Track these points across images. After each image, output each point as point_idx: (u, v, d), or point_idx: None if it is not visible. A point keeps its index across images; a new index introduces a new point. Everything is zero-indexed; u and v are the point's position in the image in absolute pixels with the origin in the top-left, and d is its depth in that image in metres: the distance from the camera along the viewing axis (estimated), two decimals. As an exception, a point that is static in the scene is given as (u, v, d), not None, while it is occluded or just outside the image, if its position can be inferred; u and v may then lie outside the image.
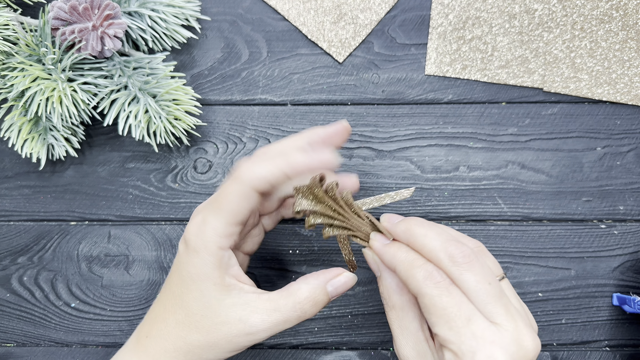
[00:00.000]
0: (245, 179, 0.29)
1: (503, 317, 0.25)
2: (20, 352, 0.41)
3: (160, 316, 0.30)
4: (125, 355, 0.31)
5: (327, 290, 0.30)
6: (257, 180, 0.28)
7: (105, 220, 0.41)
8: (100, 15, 0.36)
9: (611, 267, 0.39)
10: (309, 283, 0.30)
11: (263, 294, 0.29)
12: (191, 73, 0.42)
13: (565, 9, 0.40)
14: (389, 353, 0.40)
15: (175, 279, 0.30)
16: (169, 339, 0.29)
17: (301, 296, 0.29)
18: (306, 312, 0.29)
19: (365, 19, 0.41)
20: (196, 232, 0.29)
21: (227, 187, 0.29)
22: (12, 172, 0.42)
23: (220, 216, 0.29)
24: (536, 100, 0.40)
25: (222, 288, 0.29)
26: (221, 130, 0.41)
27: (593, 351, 0.39)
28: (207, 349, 0.29)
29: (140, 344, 0.31)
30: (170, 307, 0.30)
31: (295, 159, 0.29)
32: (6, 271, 0.41)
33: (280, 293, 0.29)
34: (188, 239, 0.29)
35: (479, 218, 0.40)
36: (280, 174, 0.29)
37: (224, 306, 0.29)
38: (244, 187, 0.29)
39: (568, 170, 0.40)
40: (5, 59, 0.36)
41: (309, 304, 0.29)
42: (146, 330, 0.31)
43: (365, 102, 0.41)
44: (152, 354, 0.30)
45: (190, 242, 0.29)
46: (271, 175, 0.29)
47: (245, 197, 0.29)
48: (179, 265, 0.30)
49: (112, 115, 0.38)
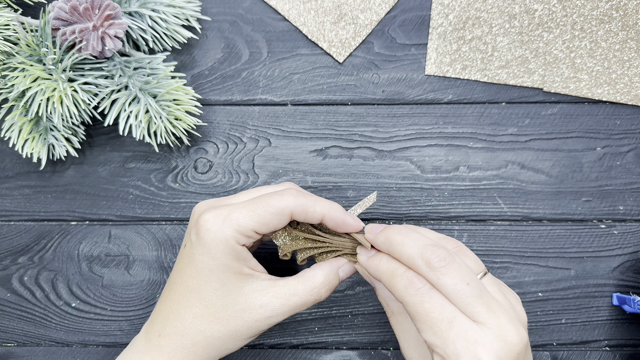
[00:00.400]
0: (289, 199, 0.30)
1: (485, 315, 0.25)
2: (20, 352, 0.41)
3: (173, 313, 0.30)
4: (135, 355, 0.31)
5: (340, 275, 0.32)
6: (300, 208, 0.30)
7: (105, 220, 0.41)
8: (101, 15, 0.36)
9: (611, 267, 0.39)
10: (323, 269, 0.31)
11: (280, 280, 0.31)
12: (191, 73, 0.42)
13: (565, 9, 0.40)
14: (389, 353, 0.40)
15: (189, 272, 0.30)
16: (187, 335, 0.30)
17: (317, 281, 0.31)
18: (322, 295, 0.31)
19: (365, 19, 0.41)
20: (218, 225, 0.29)
21: (266, 197, 0.30)
22: (12, 172, 0.42)
23: (251, 219, 0.29)
24: (536, 101, 0.40)
25: (241, 277, 0.30)
26: (221, 130, 0.41)
27: (593, 351, 0.39)
28: (227, 338, 0.30)
29: (152, 343, 0.30)
30: (185, 302, 0.30)
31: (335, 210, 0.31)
32: (7, 271, 0.41)
33: (298, 279, 0.31)
34: (207, 229, 0.29)
35: (479, 218, 0.40)
36: (320, 214, 0.30)
37: (244, 293, 0.30)
38: (284, 207, 0.30)
39: (568, 170, 0.40)
40: (6, 59, 0.36)
41: (324, 288, 0.31)
42: (158, 329, 0.30)
43: (365, 102, 0.41)
44: (167, 351, 0.30)
45: (208, 234, 0.29)
46: (312, 212, 0.30)
47: (280, 215, 0.30)
48: (192, 257, 0.30)
49: (112, 115, 0.38)
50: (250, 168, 0.41)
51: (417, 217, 0.40)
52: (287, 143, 0.41)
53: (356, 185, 0.40)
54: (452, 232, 0.40)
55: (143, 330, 0.32)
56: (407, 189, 0.40)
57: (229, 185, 0.41)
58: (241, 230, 0.29)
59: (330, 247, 0.32)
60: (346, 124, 0.41)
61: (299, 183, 0.41)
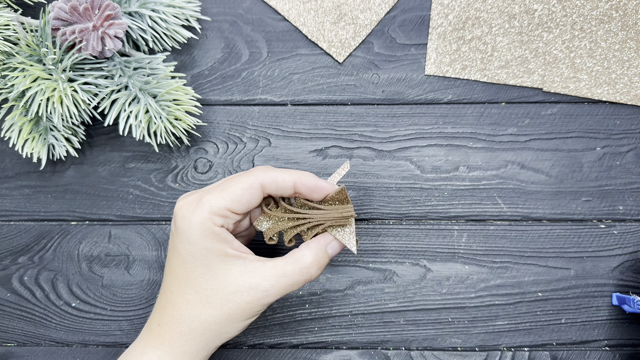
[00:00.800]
0: (257, 174, 0.30)
1: None
2: (20, 352, 0.41)
3: (169, 302, 0.30)
4: (138, 346, 0.31)
5: (328, 252, 0.32)
6: (269, 179, 0.30)
7: (105, 220, 0.41)
8: (101, 15, 0.36)
9: (611, 266, 0.39)
10: (311, 248, 0.31)
11: (268, 261, 0.31)
12: (191, 73, 0.42)
13: (565, 9, 0.40)
14: (389, 353, 0.40)
15: (175, 262, 0.30)
16: (183, 322, 0.30)
17: (307, 261, 0.31)
18: (312, 275, 0.31)
19: (365, 19, 0.41)
20: (191, 211, 0.29)
21: (236, 177, 0.31)
22: (12, 172, 0.42)
23: (220, 197, 0.29)
24: (536, 101, 0.40)
25: (226, 259, 0.30)
26: (221, 130, 0.41)
27: (593, 351, 0.39)
28: (223, 323, 0.30)
29: (153, 333, 0.31)
30: (176, 290, 0.30)
31: (306, 176, 0.31)
32: (7, 271, 0.41)
33: (286, 259, 0.31)
34: (182, 217, 0.30)
35: (479, 218, 0.40)
36: (290, 181, 0.30)
37: (232, 275, 0.30)
38: (253, 180, 0.30)
39: (567, 170, 0.40)
40: (6, 59, 0.36)
41: (314, 267, 0.31)
42: (157, 319, 0.31)
43: (365, 102, 0.41)
44: (167, 339, 0.30)
45: (183, 221, 0.29)
46: (282, 180, 0.30)
47: (251, 189, 0.30)
48: (174, 247, 0.30)
49: (112, 115, 0.38)
50: (250, 168, 0.41)
51: (417, 217, 0.40)
52: (287, 143, 0.41)
53: (356, 185, 0.40)
54: (451, 232, 0.40)
55: (146, 323, 0.32)
56: (406, 188, 0.40)
57: (229, 185, 0.41)
58: (214, 211, 0.29)
59: (312, 221, 0.32)
60: (346, 124, 0.41)
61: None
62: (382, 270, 0.40)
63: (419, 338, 0.39)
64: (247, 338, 0.40)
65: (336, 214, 0.31)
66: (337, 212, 0.31)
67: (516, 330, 0.39)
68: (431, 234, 0.40)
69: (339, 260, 0.40)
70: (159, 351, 0.30)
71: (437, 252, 0.40)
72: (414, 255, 0.40)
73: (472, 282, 0.40)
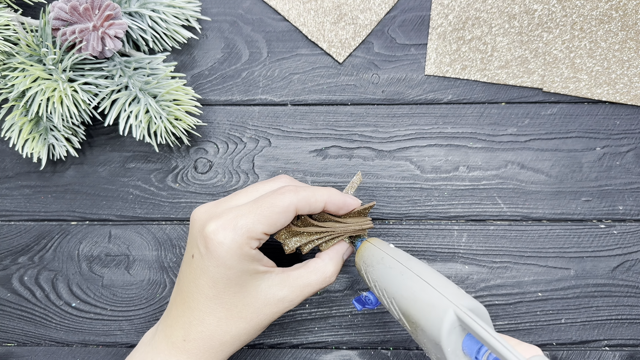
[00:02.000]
0: (291, 197, 0.30)
1: None
2: (21, 352, 0.41)
3: (196, 319, 0.31)
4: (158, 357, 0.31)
5: (343, 259, 0.34)
6: (303, 201, 0.31)
7: (105, 220, 0.41)
8: (101, 15, 0.36)
9: (610, 266, 0.39)
10: (332, 259, 0.33)
11: (292, 272, 0.32)
12: (191, 73, 0.42)
13: (565, 9, 0.40)
14: (389, 353, 0.40)
15: (205, 282, 0.30)
16: (214, 338, 0.31)
17: (329, 272, 0.33)
18: (332, 282, 0.33)
19: (365, 19, 0.41)
20: (229, 237, 0.29)
21: (269, 197, 0.30)
22: (12, 172, 0.42)
23: (259, 222, 0.30)
24: (536, 101, 0.41)
25: (257, 276, 0.31)
26: (221, 131, 0.41)
27: (592, 351, 0.39)
28: (252, 333, 0.32)
29: (177, 347, 0.31)
30: (206, 309, 0.30)
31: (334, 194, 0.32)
32: (7, 271, 0.41)
33: (309, 270, 0.32)
34: (219, 243, 0.29)
35: (479, 218, 0.40)
36: (322, 202, 0.32)
37: (262, 290, 0.31)
38: (288, 204, 0.30)
39: (567, 170, 0.40)
40: (6, 59, 0.36)
41: (335, 276, 0.33)
42: (181, 334, 0.31)
43: (365, 102, 0.41)
44: (195, 353, 0.31)
45: (221, 247, 0.29)
46: (314, 202, 0.31)
47: (286, 213, 0.30)
48: (205, 269, 0.30)
49: (112, 115, 0.38)
50: (250, 168, 0.41)
51: (416, 217, 0.40)
52: (287, 143, 0.41)
53: (356, 185, 0.40)
54: (451, 232, 0.40)
55: (162, 334, 0.32)
56: (406, 188, 0.40)
57: (229, 185, 0.41)
58: (252, 236, 0.29)
59: (333, 234, 0.33)
60: (346, 124, 0.41)
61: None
62: (382, 270, 0.40)
63: (419, 338, 0.39)
64: (247, 338, 0.40)
65: (356, 227, 0.33)
66: (357, 225, 0.33)
67: (516, 330, 0.39)
68: (431, 234, 0.40)
69: (339, 260, 0.40)
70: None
71: (437, 252, 0.40)
72: (414, 255, 0.40)
73: (472, 282, 0.40)
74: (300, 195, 0.31)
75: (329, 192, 0.32)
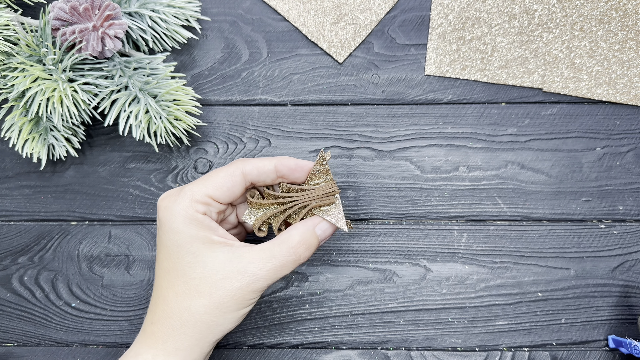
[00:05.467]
0: (237, 162, 0.31)
1: None
2: (20, 352, 0.41)
3: (160, 297, 0.30)
4: (134, 347, 0.31)
5: (317, 234, 0.32)
6: (249, 165, 0.31)
7: (105, 220, 0.41)
8: (101, 15, 0.36)
9: (610, 267, 0.39)
10: (298, 228, 0.31)
11: (256, 246, 0.30)
12: (191, 73, 0.42)
13: (565, 9, 0.40)
14: (389, 353, 0.40)
15: (162, 254, 0.30)
16: (174, 315, 0.29)
17: (294, 241, 0.30)
18: (300, 255, 0.31)
19: (365, 19, 0.41)
20: (172, 201, 0.30)
21: (219, 168, 0.31)
22: (12, 172, 0.42)
23: (201, 184, 0.30)
24: (536, 101, 0.41)
25: (212, 246, 0.29)
26: (221, 131, 0.41)
27: (593, 351, 0.39)
28: (214, 313, 0.29)
29: (147, 332, 0.30)
30: (166, 284, 0.30)
31: (285, 158, 0.32)
32: (7, 271, 0.41)
33: (273, 242, 0.31)
34: (164, 207, 0.30)
35: (479, 218, 0.40)
36: (270, 165, 0.31)
37: (219, 262, 0.29)
38: (234, 169, 0.31)
39: (567, 170, 0.40)
40: (6, 59, 0.36)
41: (302, 247, 0.30)
42: (150, 318, 0.31)
43: (365, 103, 0.41)
44: (160, 337, 0.30)
45: (165, 211, 0.30)
46: (262, 165, 0.31)
47: (232, 176, 0.30)
48: (160, 240, 0.30)
49: (112, 115, 0.38)
50: (250, 168, 0.41)
51: (416, 217, 0.40)
52: (287, 143, 0.41)
53: (356, 185, 0.40)
54: (451, 232, 0.40)
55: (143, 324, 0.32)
56: (406, 189, 0.40)
57: (229, 186, 0.41)
58: (195, 198, 0.30)
59: (298, 203, 0.32)
60: (346, 124, 0.41)
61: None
62: (382, 270, 0.40)
63: (419, 338, 0.39)
64: (247, 338, 0.40)
65: (320, 192, 0.32)
66: (321, 190, 0.32)
67: (516, 330, 0.39)
68: (431, 234, 0.40)
69: (339, 260, 0.40)
70: (152, 350, 0.30)
71: (437, 252, 0.40)
72: (414, 255, 0.40)
73: (472, 282, 0.40)
74: (248, 162, 0.31)
75: (278, 157, 0.32)
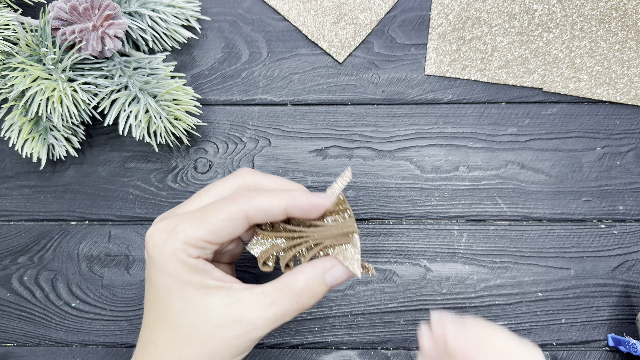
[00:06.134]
0: (241, 202, 0.26)
1: None
2: (20, 352, 0.41)
3: (148, 339, 0.28)
4: None
5: (326, 281, 0.27)
6: (254, 207, 0.26)
7: (105, 220, 0.41)
8: (101, 15, 0.36)
9: (611, 267, 0.39)
10: (305, 273, 0.27)
11: (255, 288, 0.27)
12: (191, 73, 0.42)
13: (565, 9, 0.40)
14: (389, 353, 0.40)
15: (152, 295, 0.27)
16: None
17: (297, 287, 0.27)
18: (304, 304, 0.27)
19: (365, 19, 0.41)
20: (163, 240, 0.26)
21: (216, 202, 0.27)
22: (12, 172, 0.42)
23: (199, 228, 0.26)
24: (536, 101, 0.40)
25: (207, 291, 0.26)
26: (221, 130, 0.41)
27: (593, 351, 0.39)
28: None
29: None
30: (155, 327, 0.27)
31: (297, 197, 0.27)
32: (6, 271, 0.41)
33: (274, 285, 0.27)
34: (153, 246, 0.26)
35: (479, 218, 0.40)
36: (280, 207, 0.27)
37: (213, 309, 0.26)
38: (236, 210, 0.26)
39: (568, 170, 0.40)
40: (6, 59, 0.36)
41: (306, 295, 0.27)
42: (139, 357, 0.28)
43: (365, 102, 0.41)
44: None
45: (155, 250, 0.26)
46: (270, 208, 0.26)
47: (233, 221, 0.26)
48: (149, 278, 0.27)
49: (112, 115, 0.38)
50: (250, 168, 0.41)
51: (417, 217, 0.40)
52: (287, 143, 0.41)
53: (356, 185, 0.40)
54: (451, 232, 0.40)
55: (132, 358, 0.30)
56: (407, 188, 0.40)
57: (229, 185, 0.41)
58: (189, 242, 0.26)
59: (309, 240, 0.28)
60: (346, 124, 0.41)
61: (298, 183, 0.41)
62: (382, 270, 0.40)
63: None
64: (247, 338, 0.40)
65: (336, 230, 0.27)
66: (337, 229, 0.27)
67: (516, 330, 0.39)
68: (431, 234, 0.40)
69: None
70: None
71: (437, 252, 0.40)
72: (414, 255, 0.40)
73: (472, 282, 0.40)
74: (254, 201, 0.26)
75: (289, 195, 0.26)
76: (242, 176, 0.29)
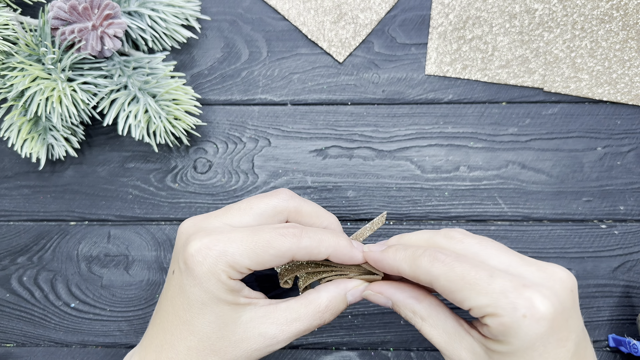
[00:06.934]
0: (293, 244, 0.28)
1: (519, 262, 0.24)
2: (19, 352, 0.41)
3: (167, 343, 0.28)
4: None
5: (347, 300, 0.30)
6: (303, 251, 0.28)
7: (105, 220, 0.41)
8: (100, 15, 0.36)
9: (611, 267, 0.39)
10: (329, 292, 0.29)
11: (280, 304, 0.29)
12: (191, 73, 0.42)
13: (566, 8, 0.40)
14: (389, 353, 0.40)
15: (180, 303, 0.28)
16: None
17: (322, 305, 0.29)
18: (326, 320, 0.29)
19: (365, 18, 0.41)
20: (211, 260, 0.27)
21: (272, 239, 0.28)
22: (11, 172, 0.42)
23: (248, 257, 0.27)
24: (536, 100, 0.40)
25: (237, 307, 0.28)
26: (221, 130, 0.41)
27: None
28: None
29: None
30: (178, 333, 0.28)
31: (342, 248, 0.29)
32: (6, 271, 0.41)
33: (300, 301, 0.29)
34: (198, 262, 0.27)
35: (480, 218, 0.40)
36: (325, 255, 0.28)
37: (241, 323, 0.28)
38: (286, 251, 0.27)
39: (568, 170, 0.40)
40: (5, 58, 0.36)
41: (329, 312, 0.29)
42: (152, 358, 0.29)
43: (366, 102, 0.41)
44: None
45: (199, 267, 0.27)
46: (317, 254, 0.28)
47: (280, 258, 0.28)
48: (182, 287, 0.28)
49: (111, 115, 0.38)
50: (249, 168, 0.41)
51: (417, 217, 0.40)
52: (287, 143, 0.41)
53: (356, 185, 0.40)
54: (452, 232, 0.40)
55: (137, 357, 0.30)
56: (407, 189, 0.40)
57: (229, 186, 0.41)
58: (235, 267, 0.27)
59: (335, 271, 0.30)
60: (346, 124, 0.41)
61: (298, 183, 0.41)
62: (382, 270, 0.40)
63: (419, 339, 0.39)
64: (246, 338, 0.40)
65: (361, 272, 0.30)
66: (362, 270, 0.30)
67: (517, 330, 0.39)
68: (431, 234, 0.40)
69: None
70: None
71: (437, 253, 0.40)
72: (414, 255, 0.40)
73: (473, 282, 0.40)
74: (303, 244, 0.28)
75: (336, 244, 0.28)
76: (284, 200, 0.30)
